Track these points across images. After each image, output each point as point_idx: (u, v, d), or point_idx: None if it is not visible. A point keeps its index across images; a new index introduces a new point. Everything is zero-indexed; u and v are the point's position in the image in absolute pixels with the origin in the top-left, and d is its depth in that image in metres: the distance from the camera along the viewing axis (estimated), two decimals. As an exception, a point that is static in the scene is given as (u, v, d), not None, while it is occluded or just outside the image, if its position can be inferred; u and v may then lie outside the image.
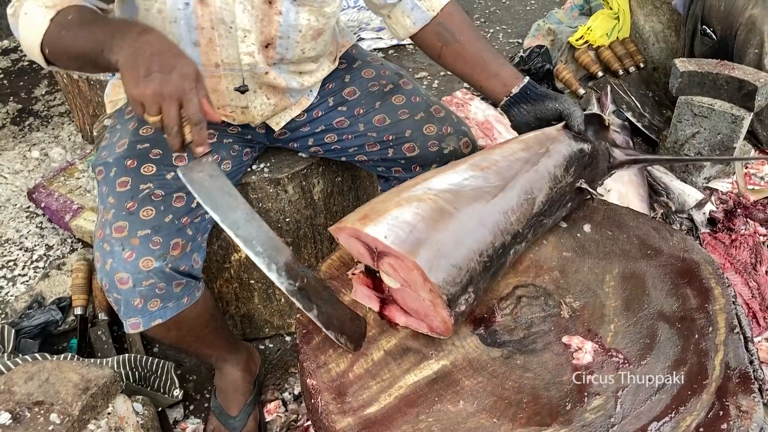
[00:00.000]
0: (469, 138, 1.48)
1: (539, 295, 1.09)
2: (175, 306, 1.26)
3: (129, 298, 1.21)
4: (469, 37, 1.42)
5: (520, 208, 1.08)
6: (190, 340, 1.38)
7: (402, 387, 0.97)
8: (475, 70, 1.39)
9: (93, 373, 1.27)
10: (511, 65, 1.40)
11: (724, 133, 2.01)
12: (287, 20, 1.27)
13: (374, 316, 1.08)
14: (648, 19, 2.63)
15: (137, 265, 1.19)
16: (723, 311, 1.05)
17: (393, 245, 0.96)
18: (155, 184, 1.28)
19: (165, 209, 1.26)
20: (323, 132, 1.51)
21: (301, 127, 1.51)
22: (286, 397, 1.68)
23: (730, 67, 1.99)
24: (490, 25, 3.32)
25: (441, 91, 2.84)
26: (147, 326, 1.25)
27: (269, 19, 1.26)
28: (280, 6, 1.25)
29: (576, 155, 1.20)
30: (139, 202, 1.25)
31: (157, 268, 1.20)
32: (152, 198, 1.26)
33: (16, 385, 1.24)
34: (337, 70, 1.54)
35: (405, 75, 1.55)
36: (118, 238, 1.21)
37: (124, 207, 1.24)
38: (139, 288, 1.20)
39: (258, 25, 1.26)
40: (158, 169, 1.31)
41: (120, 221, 1.23)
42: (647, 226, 1.23)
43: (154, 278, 1.21)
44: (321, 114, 1.50)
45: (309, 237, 1.68)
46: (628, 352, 1.00)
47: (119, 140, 1.37)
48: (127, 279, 1.20)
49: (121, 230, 1.22)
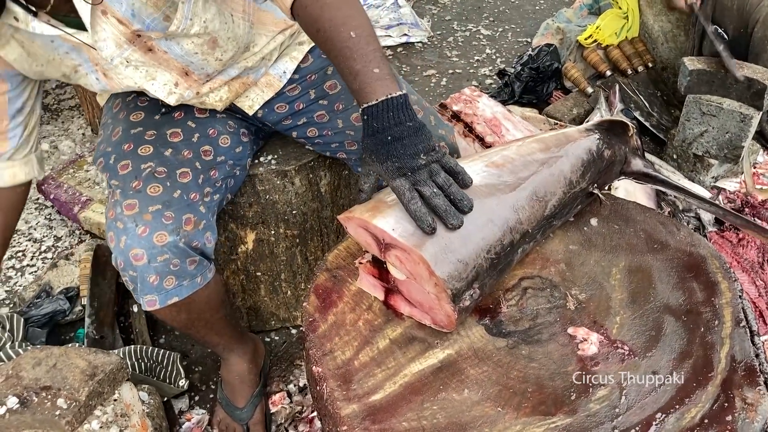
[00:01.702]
0: (445, 142, 1.44)
1: (545, 287, 1.10)
2: (190, 285, 1.28)
3: (144, 275, 1.23)
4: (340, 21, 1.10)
5: (532, 209, 1.07)
6: (200, 325, 1.39)
7: (407, 375, 0.97)
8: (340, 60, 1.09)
9: (100, 360, 1.28)
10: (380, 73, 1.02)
11: (732, 132, 2.00)
12: (176, 53, 1.24)
13: (379, 305, 1.08)
14: (657, 18, 2.63)
15: (151, 240, 1.21)
16: (729, 305, 1.05)
17: (400, 238, 0.96)
18: (156, 162, 1.30)
19: (171, 185, 1.27)
20: (305, 125, 1.50)
21: (284, 119, 1.50)
22: (291, 388, 1.69)
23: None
24: (499, 24, 3.33)
25: (449, 89, 2.84)
26: (163, 304, 1.26)
27: (163, 59, 1.25)
28: (162, 47, 1.23)
29: (594, 160, 1.18)
30: (143, 180, 1.27)
31: (170, 242, 1.22)
32: (155, 175, 1.28)
33: (24, 370, 1.25)
34: (319, 59, 1.49)
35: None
36: (131, 215, 1.22)
37: (131, 186, 1.26)
38: (154, 264, 1.22)
39: (159, 68, 1.26)
40: (155, 148, 1.32)
41: (129, 199, 1.24)
42: (654, 220, 1.23)
43: (168, 253, 1.22)
44: (302, 106, 1.48)
45: (315, 229, 1.68)
46: (633, 344, 1.00)
47: (113, 131, 1.39)
48: (141, 255, 1.21)
49: (131, 207, 1.23)
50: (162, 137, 1.34)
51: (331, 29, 1.05)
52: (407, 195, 0.95)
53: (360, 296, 1.10)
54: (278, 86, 1.46)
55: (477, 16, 3.41)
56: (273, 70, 1.46)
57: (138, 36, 1.18)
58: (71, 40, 1.16)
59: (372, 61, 1.01)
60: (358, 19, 1.06)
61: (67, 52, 1.20)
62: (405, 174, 0.96)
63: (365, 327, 1.05)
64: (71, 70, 1.25)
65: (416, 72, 2.97)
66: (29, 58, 1.20)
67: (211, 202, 1.34)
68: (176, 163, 1.31)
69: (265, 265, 1.70)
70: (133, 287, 1.26)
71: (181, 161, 1.32)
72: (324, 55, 1.47)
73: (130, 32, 1.17)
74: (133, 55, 1.22)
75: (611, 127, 1.25)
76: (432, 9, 3.49)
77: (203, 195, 1.32)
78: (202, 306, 1.34)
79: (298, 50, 1.48)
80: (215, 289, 1.35)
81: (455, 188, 0.97)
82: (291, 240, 1.66)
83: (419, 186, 0.95)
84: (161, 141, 1.34)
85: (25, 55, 1.19)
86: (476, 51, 3.12)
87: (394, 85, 1.00)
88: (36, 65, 1.21)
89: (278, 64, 1.46)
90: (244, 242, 1.64)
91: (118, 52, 1.20)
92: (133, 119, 1.38)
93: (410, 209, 0.95)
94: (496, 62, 3.03)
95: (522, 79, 2.60)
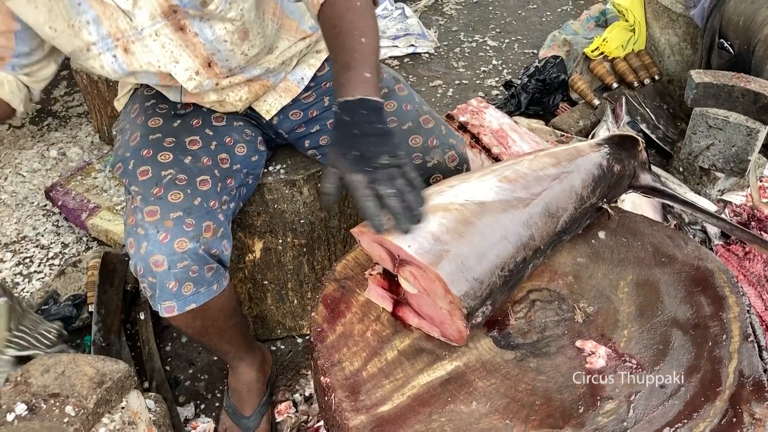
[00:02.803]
0: (455, 152, 1.43)
1: (553, 300, 1.10)
2: (207, 292, 1.29)
3: (164, 281, 1.24)
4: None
5: (545, 225, 1.08)
6: (213, 333, 1.40)
7: (415, 386, 0.97)
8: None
9: (108, 368, 1.28)
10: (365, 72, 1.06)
11: (738, 145, 2.00)
12: (206, 37, 1.27)
13: (387, 315, 1.08)
14: (664, 31, 2.64)
15: (172, 247, 1.22)
16: (737, 320, 1.05)
17: (417, 255, 0.96)
18: (176, 170, 1.31)
19: (192, 192, 1.28)
20: (318, 133, 1.52)
21: (297, 127, 1.52)
22: (296, 398, 1.69)
23: (746, 79, 1.99)
24: (506, 35, 3.34)
25: (456, 100, 2.85)
26: (181, 310, 1.27)
27: (191, 43, 1.27)
28: (194, 27, 1.25)
29: (604, 175, 1.19)
30: (164, 187, 1.28)
31: (191, 249, 1.23)
32: (176, 182, 1.29)
33: (32, 377, 1.25)
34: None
35: (402, 81, 1.52)
36: (152, 222, 1.23)
37: (151, 193, 1.27)
38: (174, 270, 1.23)
39: (185, 52, 1.28)
40: (174, 155, 1.34)
41: (150, 206, 1.25)
42: (662, 233, 1.23)
43: (188, 260, 1.23)
44: (316, 113, 1.51)
45: (323, 239, 1.69)
46: (641, 357, 1.00)
47: (131, 136, 1.40)
48: (162, 261, 1.22)
49: (153, 214, 1.24)
50: (181, 144, 1.36)
51: (347, 30, 1.10)
52: (362, 191, 0.94)
53: (368, 307, 1.10)
54: (296, 92, 1.50)
55: (484, 27, 3.43)
56: (291, 76, 1.49)
57: (174, 12, 1.21)
58: (99, 6, 1.17)
59: (367, 67, 1.05)
60: (372, 31, 1.12)
61: (88, 21, 1.20)
62: (364, 170, 0.95)
63: (373, 338, 1.05)
64: (84, 47, 1.24)
65: (423, 82, 2.98)
66: (48, 13, 1.19)
67: (228, 209, 1.36)
68: (196, 170, 1.32)
69: (272, 274, 1.71)
70: (151, 294, 1.27)
71: (200, 169, 1.33)
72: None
73: (167, 5, 1.20)
74: (164, 30, 1.23)
75: (621, 141, 1.26)
76: (439, 20, 3.50)
77: (221, 203, 1.33)
78: (216, 313, 1.35)
79: (315, 58, 1.52)
80: (229, 296, 1.37)
81: (412, 196, 0.96)
82: (298, 249, 1.67)
83: (377, 184, 0.95)
84: (180, 148, 1.35)
85: (47, 8, 1.18)
86: (483, 62, 3.14)
87: (377, 92, 1.03)
88: (50, 26, 1.21)
89: (296, 71, 1.50)
90: (252, 251, 1.65)
91: (150, 23, 1.21)
92: (152, 125, 1.40)
93: (363, 205, 0.94)
94: (503, 73, 3.04)
95: (528, 90, 2.61)
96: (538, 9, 3.59)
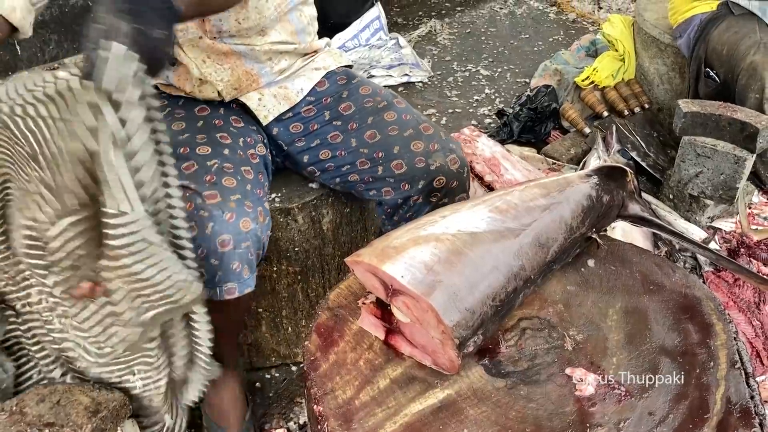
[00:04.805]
0: (456, 155, 1.48)
1: (543, 328, 1.12)
2: (251, 279, 1.31)
3: (229, 262, 1.25)
4: None
5: (535, 255, 1.10)
6: (233, 327, 1.42)
7: (407, 415, 0.98)
8: None
9: (103, 397, 1.29)
10: None
11: (727, 173, 2.04)
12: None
13: (380, 344, 1.10)
14: (653, 61, 2.69)
15: (238, 226, 1.24)
16: (724, 347, 1.07)
17: (410, 285, 0.98)
18: (220, 160, 1.34)
19: (242, 179, 1.32)
20: (318, 147, 1.55)
21: (297, 140, 1.56)
22: (291, 426, 1.69)
23: (732, 109, 2.03)
24: (498, 64, 3.39)
25: (449, 128, 2.89)
26: (241, 293, 1.29)
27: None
28: None
29: (594, 206, 1.21)
30: (215, 174, 1.30)
31: (253, 230, 1.26)
32: (225, 170, 1.32)
33: (27, 406, 1.26)
34: (335, 85, 1.60)
35: (399, 97, 1.60)
36: (215, 203, 1.26)
37: (204, 181, 1.29)
38: (239, 250, 1.25)
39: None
40: (213, 148, 1.37)
41: (208, 191, 1.27)
42: (650, 261, 1.25)
43: (250, 241, 1.26)
44: (317, 127, 1.56)
45: (317, 267, 1.70)
46: (630, 384, 1.01)
47: None
48: (228, 241, 1.24)
49: (214, 197, 1.26)
50: (214, 140, 1.39)
51: None
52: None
53: (361, 335, 1.11)
54: (294, 100, 1.55)
55: (476, 56, 3.48)
56: (291, 86, 1.55)
57: None
58: None
59: None
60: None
61: None
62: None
63: (366, 366, 1.06)
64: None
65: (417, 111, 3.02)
66: None
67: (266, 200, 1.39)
68: (237, 160, 1.36)
69: (266, 302, 1.72)
70: (213, 275, 1.26)
71: (240, 159, 1.37)
72: (340, 81, 1.60)
73: None
74: None
75: (610, 172, 1.29)
76: (433, 50, 3.56)
77: (265, 192, 1.37)
78: (244, 305, 1.37)
79: (315, 73, 1.59)
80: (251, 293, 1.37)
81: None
82: (293, 277, 1.69)
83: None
84: (215, 143, 1.38)
85: None
86: (476, 91, 3.18)
87: None
88: None
89: (296, 82, 1.56)
90: (247, 279, 1.66)
91: None
92: (176, 128, 1.43)
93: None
94: (495, 102, 3.08)
95: (520, 119, 2.65)
96: (530, 39, 3.66)
